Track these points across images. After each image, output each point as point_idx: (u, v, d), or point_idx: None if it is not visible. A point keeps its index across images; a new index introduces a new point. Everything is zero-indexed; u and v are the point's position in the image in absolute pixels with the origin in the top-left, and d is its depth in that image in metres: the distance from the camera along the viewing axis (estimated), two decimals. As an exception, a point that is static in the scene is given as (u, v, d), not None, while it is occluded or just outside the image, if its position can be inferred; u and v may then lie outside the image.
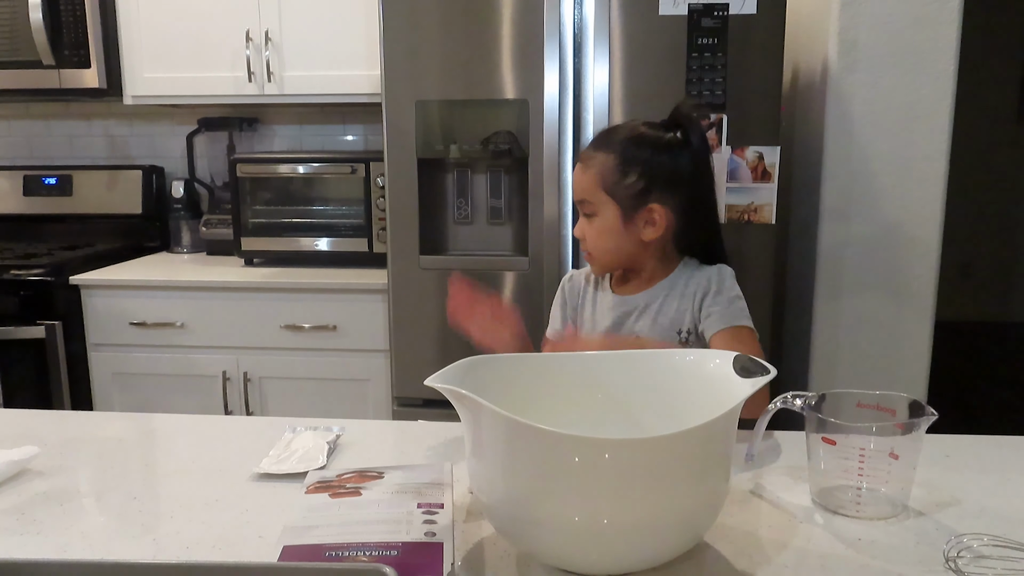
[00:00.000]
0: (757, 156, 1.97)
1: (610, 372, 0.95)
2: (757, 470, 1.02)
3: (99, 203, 2.88)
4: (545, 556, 0.79)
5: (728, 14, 1.91)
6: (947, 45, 1.98)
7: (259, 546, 0.84)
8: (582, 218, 1.27)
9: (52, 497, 0.96)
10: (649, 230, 1.23)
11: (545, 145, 2.02)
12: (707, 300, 1.24)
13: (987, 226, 5.12)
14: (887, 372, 2.12)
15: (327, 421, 1.18)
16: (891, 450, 0.88)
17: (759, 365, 0.85)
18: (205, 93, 2.57)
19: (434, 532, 0.80)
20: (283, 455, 1.06)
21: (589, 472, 0.71)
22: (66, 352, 2.41)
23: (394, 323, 2.17)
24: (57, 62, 2.51)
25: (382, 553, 0.76)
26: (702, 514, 0.78)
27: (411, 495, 0.89)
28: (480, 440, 0.77)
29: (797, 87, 2.34)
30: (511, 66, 2.01)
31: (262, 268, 2.53)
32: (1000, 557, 0.80)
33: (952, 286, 4.30)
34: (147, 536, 0.87)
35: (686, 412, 0.85)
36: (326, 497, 0.89)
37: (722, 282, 1.25)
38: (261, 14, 2.49)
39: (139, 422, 1.22)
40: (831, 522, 0.89)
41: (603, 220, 1.24)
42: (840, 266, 2.11)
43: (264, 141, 2.94)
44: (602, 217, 1.24)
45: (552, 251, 2.07)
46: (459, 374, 0.82)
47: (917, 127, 2.02)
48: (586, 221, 1.26)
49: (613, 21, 1.96)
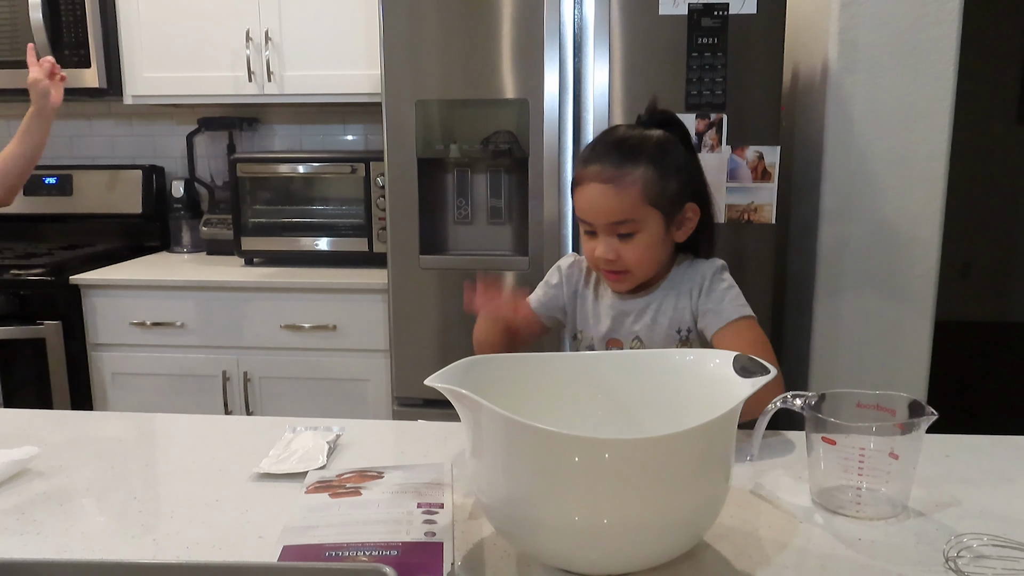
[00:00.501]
0: (757, 156, 1.97)
1: (610, 372, 0.95)
2: (757, 470, 1.02)
3: (99, 203, 2.88)
4: (545, 556, 0.79)
5: (728, 14, 1.91)
6: (947, 45, 1.98)
7: (259, 546, 0.84)
8: (612, 239, 1.20)
9: (52, 497, 0.96)
10: (681, 231, 1.24)
11: (545, 145, 2.02)
12: (702, 298, 1.24)
13: (987, 226, 5.12)
14: (887, 372, 2.12)
15: (327, 421, 1.18)
16: (891, 450, 0.88)
17: (759, 365, 0.85)
18: (205, 93, 2.57)
19: (434, 532, 0.80)
20: (283, 455, 1.06)
21: (589, 472, 0.71)
22: (66, 352, 2.41)
23: (394, 323, 2.17)
24: (57, 62, 2.50)
25: (382, 553, 0.76)
26: (702, 514, 0.78)
27: (411, 495, 0.89)
28: (480, 440, 0.77)
29: (797, 87, 2.34)
30: (511, 66, 2.01)
31: (262, 268, 2.53)
32: (1000, 557, 0.80)
33: (952, 286, 4.30)
34: (147, 536, 0.87)
35: (686, 412, 0.85)
36: (326, 497, 0.89)
37: (713, 276, 1.25)
38: (261, 14, 2.49)
39: (139, 422, 1.22)
40: (831, 522, 0.89)
41: (648, 234, 1.20)
42: (840, 266, 2.11)
43: (264, 141, 2.94)
44: (647, 232, 1.20)
45: (552, 251, 2.07)
46: (459, 374, 0.82)
47: (917, 127, 2.02)
48: (620, 242, 1.20)
49: (613, 21, 1.96)
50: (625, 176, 1.18)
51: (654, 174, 1.18)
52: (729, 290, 1.24)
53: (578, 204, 1.23)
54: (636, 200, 1.18)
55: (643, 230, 1.20)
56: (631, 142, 1.21)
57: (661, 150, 1.20)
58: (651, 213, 1.19)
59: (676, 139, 1.23)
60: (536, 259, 2.08)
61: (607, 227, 1.20)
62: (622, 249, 1.21)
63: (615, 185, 1.18)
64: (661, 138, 1.22)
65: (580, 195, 1.22)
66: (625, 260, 1.21)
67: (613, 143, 1.22)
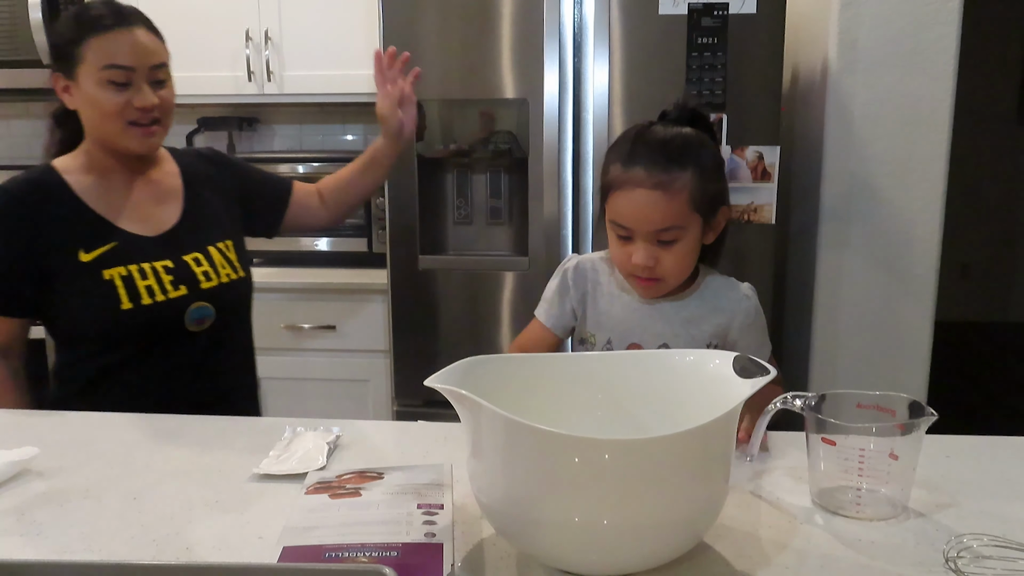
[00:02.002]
0: (757, 156, 1.97)
1: (610, 372, 0.95)
2: (757, 470, 1.02)
3: (99, 203, 2.88)
4: (545, 556, 0.79)
5: (728, 14, 1.91)
6: (947, 45, 1.98)
7: (259, 546, 0.84)
8: (652, 246, 1.14)
9: (52, 497, 0.96)
10: (711, 234, 1.20)
11: (545, 145, 2.02)
12: (744, 331, 1.23)
13: (987, 226, 5.12)
14: (887, 372, 2.12)
15: (327, 421, 1.18)
16: (891, 450, 0.88)
17: (759, 366, 0.85)
18: (205, 93, 2.57)
19: (434, 533, 0.80)
20: (283, 455, 1.06)
21: (589, 472, 0.71)
22: (66, 352, 2.40)
23: (394, 323, 2.17)
24: (57, 62, 2.51)
25: (382, 554, 0.76)
26: (702, 514, 0.78)
27: (411, 496, 0.89)
28: (480, 440, 0.77)
29: (797, 87, 2.34)
30: (511, 66, 2.01)
31: (261, 268, 2.53)
32: (1000, 557, 0.80)
33: (952, 286, 4.30)
34: (147, 536, 0.87)
35: (686, 412, 0.85)
36: (326, 498, 0.89)
37: (758, 311, 1.25)
38: (261, 14, 2.49)
39: (139, 422, 1.22)
40: (831, 522, 0.89)
41: (690, 240, 1.15)
42: (840, 266, 2.11)
43: (264, 141, 2.94)
44: (690, 237, 1.15)
45: (552, 251, 2.07)
46: (459, 374, 0.82)
47: (917, 127, 2.02)
48: (661, 248, 1.14)
49: (613, 21, 1.96)
50: (675, 181, 1.12)
51: (699, 178, 1.13)
52: (765, 330, 1.26)
53: (619, 210, 1.15)
54: (684, 206, 1.12)
55: (685, 237, 1.15)
56: (675, 143, 1.14)
57: (704, 152, 1.16)
58: (694, 219, 1.15)
59: (709, 138, 1.19)
60: (536, 259, 2.08)
61: (650, 234, 1.14)
62: (663, 256, 1.15)
63: (664, 192, 1.11)
64: (701, 138, 1.17)
65: (621, 200, 1.14)
66: (664, 267, 1.16)
67: (657, 145, 1.14)
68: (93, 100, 1.33)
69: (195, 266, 1.42)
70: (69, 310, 1.36)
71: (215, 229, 1.49)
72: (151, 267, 1.37)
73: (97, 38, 1.31)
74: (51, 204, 1.35)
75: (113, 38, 1.31)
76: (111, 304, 1.33)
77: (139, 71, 1.33)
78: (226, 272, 1.45)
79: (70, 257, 1.33)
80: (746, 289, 1.26)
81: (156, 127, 1.37)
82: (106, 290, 1.33)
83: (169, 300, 1.37)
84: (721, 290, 1.25)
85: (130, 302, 1.34)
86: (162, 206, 1.45)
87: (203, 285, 1.41)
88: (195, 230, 1.46)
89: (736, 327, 1.23)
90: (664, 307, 1.24)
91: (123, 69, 1.31)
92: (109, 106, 1.32)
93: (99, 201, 1.38)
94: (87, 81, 1.32)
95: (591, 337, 1.29)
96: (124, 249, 1.37)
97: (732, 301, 1.24)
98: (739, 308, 1.24)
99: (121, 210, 1.40)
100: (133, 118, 1.34)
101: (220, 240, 1.48)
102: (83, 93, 1.33)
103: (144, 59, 1.33)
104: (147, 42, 1.35)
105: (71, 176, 1.38)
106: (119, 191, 1.41)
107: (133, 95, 1.32)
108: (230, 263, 1.47)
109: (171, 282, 1.38)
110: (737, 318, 1.23)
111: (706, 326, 1.23)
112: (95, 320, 1.35)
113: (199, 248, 1.44)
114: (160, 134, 1.39)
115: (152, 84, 1.35)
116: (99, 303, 1.33)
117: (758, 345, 1.25)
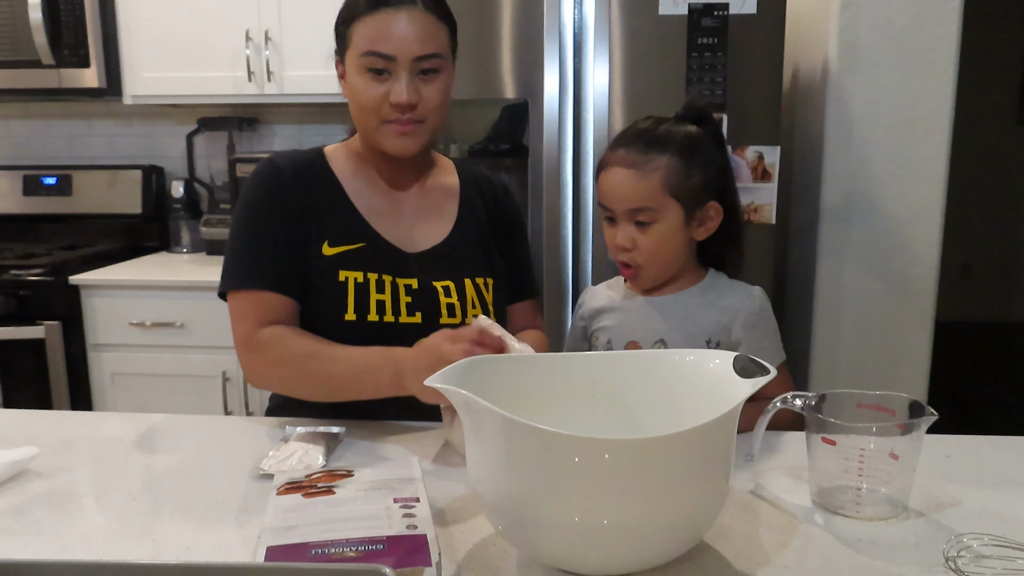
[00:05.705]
0: (757, 156, 1.97)
1: (610, 372, 0.95)
2: (757, 470, 1.02)
3: (99, 203, 2.88)
4: (545, 556, 0.79)
5: (728, 14, 1.91)
6: (947, 45, 1.98)
7: (259, 547, 0.84)
8: (630, 227, 1.20)
9: (52, 497, 0.96)
10: (701, 229, 1.23)
11: (545, 145, 2.02)
12: (748, 330, 1.23)
13: (987, 226, 5.13)
14: (887, 372, 2.12)
15: (327, 421, 1.18)
16: (891, 450, 0.88)
17: (759, 366, 0.85)
18: (205, 93, 2.57)
19: (415, 525, 0.80)
20: (283, 455, 1.06)
21: (589, 472, 0.71)
22: (66, 352, 2.41)
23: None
24: (57, 62, 2.51)
25: (368, 548, 0.75)
26: (702, 514, 0.78)
27: (386, 491, 0.88)
28: (480, 441, 0.77)
29: (797, 87, 2.34)
30: (511, 66, 2.01)
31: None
32: (1000, 557, 0.80)
33: (952, 286, 4.30)
34: (147, 536, 0.87)
35: (686, 412, 0.85)
36: (299, 497, 0.88)
37: (765, 311, 1.25)
38: (261, 14, 2.49)
39: (139, 422, 1.22)
40: (831, 522, 0.89)
41: (665, 225, 1.20)
42: (840, 266, 2.11)
43: (264, 141, 2.94)
44: (664, 222, 1.19)
45: (552, 251, 2.07)
46: (459, 374, 0.82)
47: (917, 127, 2.02)
48: (638, 230, 1.20)
49: (613, 21, 1.96)
50: (649, 162, 1.18)
51: (678, 164, 1.18)
52: (775, 332, 1.26)
53: (600, 188, 1.23)
54: (657, 188, 1.18)
55: (661, 220, 1.19)
56: (659, 131, 1.21)
57: (689, 143, 1.20)
58: (671, 204, 1.19)
59: (707, 136, 1.23)
60: (536, 259, 2.08)
61: (626, 213, 1.20)
62: (639, 238, 1.20)
63: (637, 170, 1.18)
64: (691, 132, 1.22)
65: (603, 179, 1.22)
66: (640, 250, 1.21)
67: (642, 130, 1.22)
68: (353, 89, 1.19)
69: (443, 295, 1.23)
70: (301, 304, 1.22)
71: (479, 261, 1.30)
72: (392, 282, 1.20)
73: (363, 19, 1.16)
74: (316, 186, 1.22)
75: (378, 20, 1.15)
76: (336, 310, 1.18)
77: (400, 61, 1.16)
78: (474, 313, 1.24)
79: (315, 246, 1.20)
80: (754, 290, 1.27)
81: (416, 126, 1.20)
82: (337, 293, 1.19)
83: (398, 324, 1.19)
84: (726, 290, 1.26)
85: (354, 313, 1.18)
86: (428, 221, 1.28)
87: (443, 319, 1.22)
88: (456, 257, 1.27)
89: (740, 325, 1.23)
90: (661, 303, 1.26)
91: (381, 57, 1.15)
92: (364, 98, 1.17)
93: (360, 197, 1.25)
94: (350, 67, 1.19)
95: (594, 338, 1.32)
96: (371, 253, 1.21)
97: (736, 299, 1.25)
98: (743, 306, 1.24)
99: (382, 213, 1.25)
100: (388, 116, 1.18)
101: (480, 276, 1.28)
102: (347, 80, 1.21)
103: (408, 47, 1.16)
104: (419, 27, 1.17)
105: (338, 164, 1.26)
106: (384, 192, 1.27)
107: (392, 87, 1.17)
108: (483, 304, 1.26)
109: (408, 304, 1.20)
110: (740, 316, 1.23)
111: (704, 323, 1.23)
112: (317, 322, 1.20)
113: (454, 277, 1.25)
114: (421, 135, 1.21)
115: (419, 75, 1.18)
116: (326, 306, 1.20)
117: (764, 348, 1.24)
